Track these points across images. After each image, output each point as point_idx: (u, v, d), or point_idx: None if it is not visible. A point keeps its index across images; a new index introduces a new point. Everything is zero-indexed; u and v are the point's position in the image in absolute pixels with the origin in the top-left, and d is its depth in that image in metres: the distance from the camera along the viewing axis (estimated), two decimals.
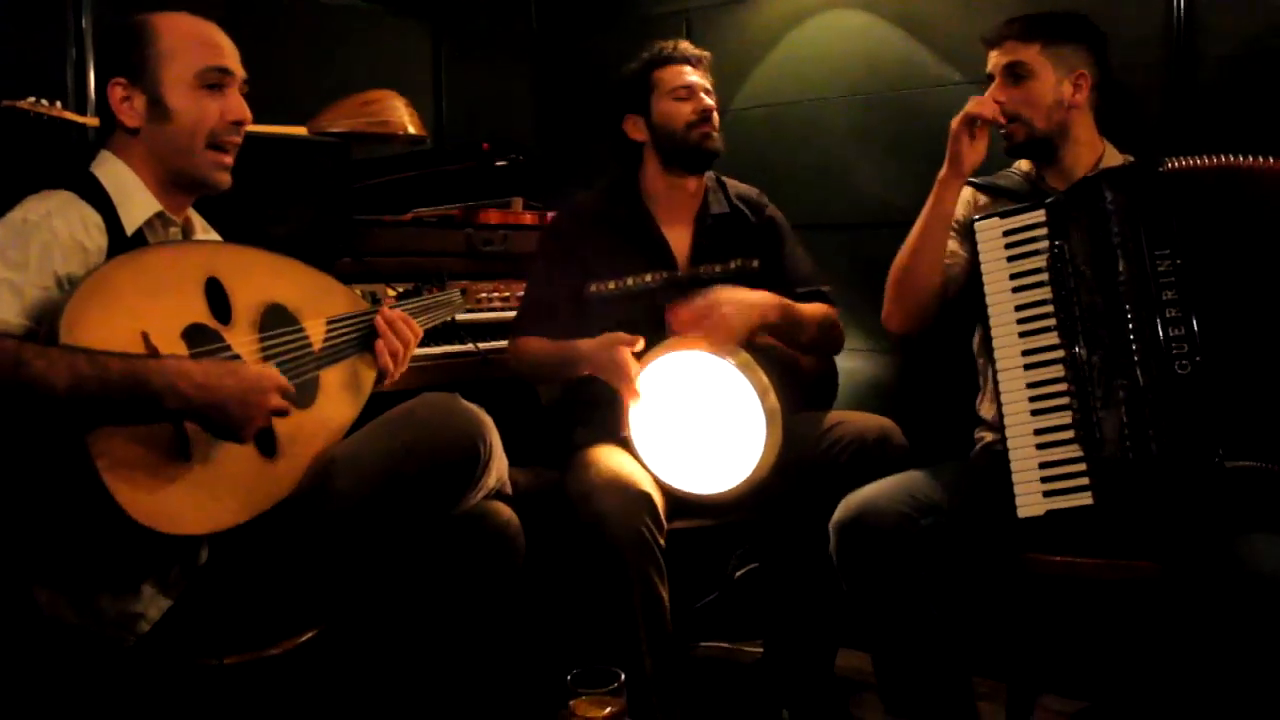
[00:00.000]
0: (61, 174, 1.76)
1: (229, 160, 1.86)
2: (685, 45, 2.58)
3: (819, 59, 3.05)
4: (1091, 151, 2.28)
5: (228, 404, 1.58)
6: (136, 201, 1.78)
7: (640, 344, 2.32)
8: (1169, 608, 2.07)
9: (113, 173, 1.79)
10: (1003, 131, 2.27)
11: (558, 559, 2.28)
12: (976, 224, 2.14)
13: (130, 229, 1.76)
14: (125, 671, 1.67)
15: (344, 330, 1.95)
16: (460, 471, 1.85)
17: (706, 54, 2.59)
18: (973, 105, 2.24)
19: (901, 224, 2.28)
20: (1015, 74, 2.23)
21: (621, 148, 2.60)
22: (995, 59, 2.28)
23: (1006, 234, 2.10)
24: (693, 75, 2.54)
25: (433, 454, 1.82)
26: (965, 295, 2.28)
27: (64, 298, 1.55)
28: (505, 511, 1.98)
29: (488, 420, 1.89)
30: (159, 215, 1.81)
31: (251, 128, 2.43)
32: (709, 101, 2.53)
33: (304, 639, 1.81)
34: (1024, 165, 2.37)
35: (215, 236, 1.98)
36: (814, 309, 2.53)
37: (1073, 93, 2.23)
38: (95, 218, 1.71)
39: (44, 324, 1.55)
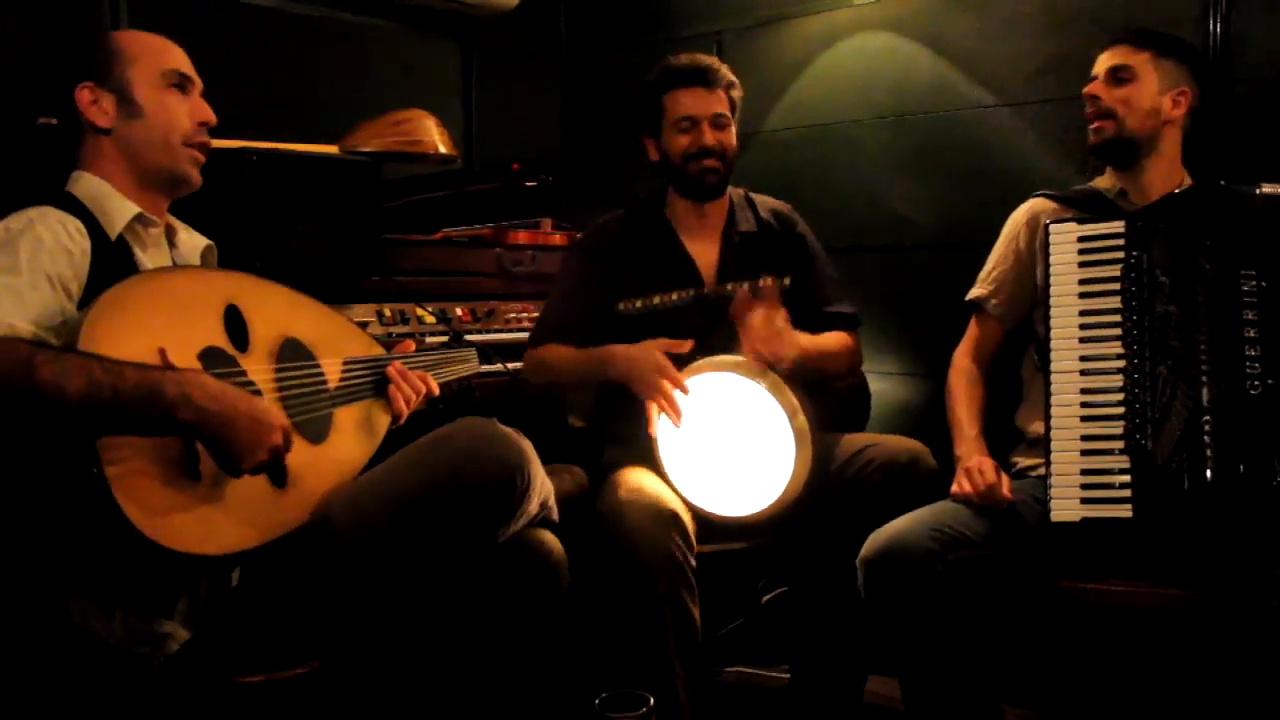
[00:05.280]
0: (38, 193, 1.76)
1: (203, 159, 1.88)
2: (697, 62, 2.48)
3: (850, 80, 3.05)
4: (1173, 173, 2.29)
5: (238, 425, 1.55)
6: (115, 209, 1.79)
7: (688, 346, 2.31)
8: (1200, 637, 2.03)
9: (87, 187, 1.80)
10: (1093, 127, 2.28)
11: (587, 570, 2.25)
12: (1051, 226, 2.15)
13: (113, 234, 1.77)
14: (152, 689, 1.66)
15: (360, 372, 1.95)
16: (498, 500, 1.80)
17: (722, 70, 2.48)
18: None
19: (932, 246, 2.26)
20: (1119, 77, 2.24)
21: (651, 164, 2.58)
22: (1104, 60, 2.28)
23: (1081, 239, 2.11)
24: (698, 105, 2.45)
25: (470, 481, 1.77)
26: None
27: (80, 315, 1.55)
28: (549, 541, 1.94)
29: (527, 446, 1.85)
30: (138, 217, 1.81)
31: (283, 146, 2.46)
32: (709, 139, 2.45)
33: (331, 659, 1.79)
34: (1103, 183, 2.35)
35: (201, 240, 1.97)
36: (836, 341, 2.52)
37: (1171, 107, 2.24)
38: (75, 222, 1.71)
39: (59, 336, 1.56)
